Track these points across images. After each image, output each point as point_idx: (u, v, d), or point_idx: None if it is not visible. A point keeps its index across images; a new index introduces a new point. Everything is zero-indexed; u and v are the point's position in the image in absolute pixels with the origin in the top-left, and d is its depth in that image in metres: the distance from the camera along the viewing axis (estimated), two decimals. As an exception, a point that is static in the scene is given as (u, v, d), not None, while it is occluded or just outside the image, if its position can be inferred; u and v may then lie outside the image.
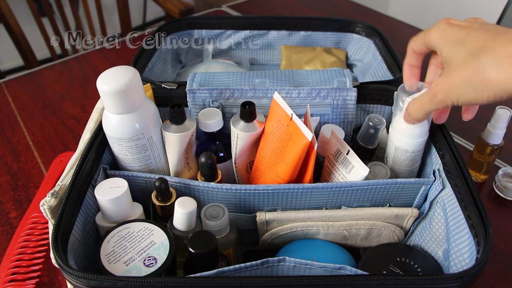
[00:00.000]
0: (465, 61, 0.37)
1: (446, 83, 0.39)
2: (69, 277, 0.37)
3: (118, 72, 0.45)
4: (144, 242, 0.42)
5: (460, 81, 0.38)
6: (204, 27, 0.81)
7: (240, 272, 0.39)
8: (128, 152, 0.49)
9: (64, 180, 0.46)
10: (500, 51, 0.35)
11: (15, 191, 0.70)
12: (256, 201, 0.49)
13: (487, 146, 0.63)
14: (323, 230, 0.50)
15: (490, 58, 0.35)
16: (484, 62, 0.36)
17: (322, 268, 0.40)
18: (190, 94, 0.56)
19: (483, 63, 0.36)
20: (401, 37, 1.08)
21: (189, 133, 0.49)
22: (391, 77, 0.66)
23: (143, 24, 2.39)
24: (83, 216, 0.45)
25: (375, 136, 0.52)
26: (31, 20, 1.29)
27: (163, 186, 0.46)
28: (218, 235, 0.46)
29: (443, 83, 0.40)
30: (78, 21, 1.39)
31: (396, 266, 0.46)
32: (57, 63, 1.04)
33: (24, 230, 0.61)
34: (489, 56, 0.36)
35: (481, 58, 0.36)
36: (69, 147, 0.78)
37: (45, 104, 0.89)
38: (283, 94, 0.55)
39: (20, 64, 1.55)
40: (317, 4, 1.26)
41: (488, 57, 0.36)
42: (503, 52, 0.35)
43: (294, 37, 0.81)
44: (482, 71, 0.36)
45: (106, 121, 0.47)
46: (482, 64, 0.36)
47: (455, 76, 0.38)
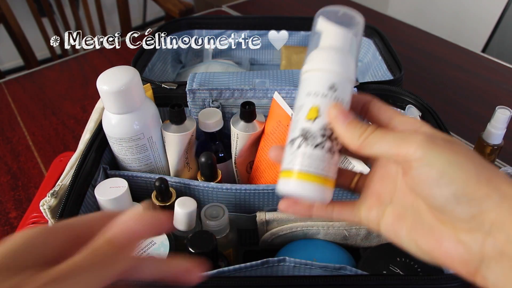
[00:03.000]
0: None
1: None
2: (69, 277, 0.37)
3: (118, 72, 0.45)
4: (144, 242, 0.42)
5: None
6: (204, 27, 0.81)
7: (240, 272, 0.39)
8: (128, 152, 0.49)
9: (64, 180, 0.46)
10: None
11: (15, 191, 0.70)
12: (256, 201, 0.49)
13: (487, 146, 0.63)
14: (323, 230, 0.50)
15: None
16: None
17: (322, 268, 0.40)
18: (190, 94, 0.56)
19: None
20: (401, 37, 1.09)
21: (189, 133, 0.49)
22: (391, 77, 0.66)
23: (143, 24, 2.39)
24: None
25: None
26: (31, 20, 1.29)
27: (163, 186, 0.46)
28: (218, 235, 0.46)
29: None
30: (78, 21, 1.39)
31: (396, 266, 0.46)
32: (57, 63, 1.03)
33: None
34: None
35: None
36: (69, 147, 0.78)
37: (45, 104, 0.89)
38: (283, 94, 0.55)
39: (20, 64, 1.55)
40: (317, 4, 1.26)
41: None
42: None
43: (294, 37, 0.81)
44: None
45: (106, 121, 0.47)
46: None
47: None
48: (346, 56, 0.32)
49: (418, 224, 0.29)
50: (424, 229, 0.28)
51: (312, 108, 0.31)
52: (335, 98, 0.30)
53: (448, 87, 0.91)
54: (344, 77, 0.31)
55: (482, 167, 0.26)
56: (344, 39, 0.32)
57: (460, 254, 0.26)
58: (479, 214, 0.25)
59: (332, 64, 0.31)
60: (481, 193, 0.25)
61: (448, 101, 0.87)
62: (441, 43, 1.07)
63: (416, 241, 0.29)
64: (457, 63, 0.99)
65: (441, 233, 0.27)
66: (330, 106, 0.30)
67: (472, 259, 0.26)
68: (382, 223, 0.31)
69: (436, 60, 1.00)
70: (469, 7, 1.90)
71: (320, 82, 0.31)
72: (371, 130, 0.29)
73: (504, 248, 0.25)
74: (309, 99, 0.31)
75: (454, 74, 0.95)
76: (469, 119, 0.82)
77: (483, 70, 0.97)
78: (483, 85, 0.91)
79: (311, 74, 0.32)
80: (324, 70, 0.31)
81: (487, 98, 0.88)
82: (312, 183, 0.30)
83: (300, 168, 0.30)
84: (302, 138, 0.31)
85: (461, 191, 0.26)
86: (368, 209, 0.32)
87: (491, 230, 0.25)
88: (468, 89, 0.90)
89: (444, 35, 1.08)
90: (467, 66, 0.98)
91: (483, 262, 0.26)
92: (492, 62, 0.99)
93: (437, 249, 0.28)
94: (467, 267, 0.26)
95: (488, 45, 1.41)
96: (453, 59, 1.00)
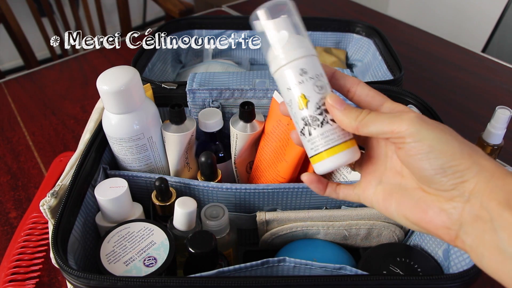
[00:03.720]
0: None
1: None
2: (69, 277, 0.37)
3: (118, 72, 0.45)
4: (144, 242, 0.42)
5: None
6: (204, 27, 0.82)
7: (240, 272, 0.39)
8: (128, 152, 0.49)
9: (64, 180, 0.46)
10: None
11: (15, 191, 0.70)
12: (256, 201, 0.49)
13: (487, 146, 0.63)
14: (323, 230, 0.50)
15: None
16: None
17: (322, 268, 0.40)
18: (190, 94, 0.56)
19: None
20: (401, 37, 1.09)
21: (189, 133, 0.49)
22: (391, 77, 0.66)
23: (143, 24, 2.39)
24: (83, 216, 0.45)
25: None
26: (31, 20, 1.29)
27: (163, 186, 0.46)
28: (218, 235, 0.46)
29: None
30: (78, 21, 1.39)
31: (396, 266, 0.46)
32: (57, 63, 1.03)
33: (24, 230, 0.61)
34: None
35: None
36: (69, 147, 0.78)
37: (45, 104, 0.89)
38: (283, 94, 0.55)
39: (20, 64, 1.55)
40: (317, 4, 1.26)
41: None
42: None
43: (294, 37, 0.81)
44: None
45: (106, 121, 0.47)
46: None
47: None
48: (294, 38, 0.35)
49: (405, 199, 0.33)
50: (411, 202, 0.33)
51: (299, 98, 0.34)
52: (311, 77, 0.34)
53: (448, 87, 0.91)
54: (306, 56, 0.34)
55: (464, 145, 0.30)
56: (283, 25, 0.35)
57: (442, 221, 0.30)
58: (461, 183, 0.29)
59: (289, 54, 0.34)
60: (464, 166, 0.29)
61: (448, 101, 0.87)
62: (441, 43, 1.07)
63: (405, 213, 0.33)
64: (457, 63, 0.99)
65: (426, 204, 0.32)
66: (327, 98, 0.34)
67: (453, 224, 0.30)
68: (374, 200, 0.35)
69: (436, 60, 1.00)
70: (469, 7, 1.90)
71: (291, 74, 0.34)
72: (366, 112, 0.33)
73: (478, 213, 0.28)
74: (292, 92, 0.34)
75: (454, 74, 0.95)
76: (469, 119, 0.82)
77: (483, 70, 0.97)
78: (483, 85, 0.91)
79: (280, 72, 0.35)
80: (288, 63, 0.34)
81: (487, 98, 0.88)
82: (339, 153, 0.34)
83: (324, 148, 0.34)
84: (307, 125, 0.34)
85: (447, 163, 0.29)
86: (363, 189, 0.36)
87: (469, 198, 0.29)
88: (468, 89, 0.90)
89: (444, 35, 1.08)
90: (467, 66, 0.98)
91: (461, 227, 0.30)
92: (492, 62, 0.99)
93: (423, 218, 0.32)
94: (449, 233, 0.30)
95: (488, 45, 1.41)
96: (453, 59, 1.00)
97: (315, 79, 0.34)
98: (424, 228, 0.32)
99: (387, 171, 0.35)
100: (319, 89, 0.34)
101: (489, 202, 0.28)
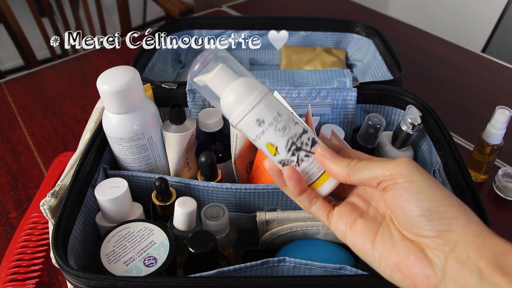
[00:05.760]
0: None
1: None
2: (69, 277, 0.37)
3: (118, 72, 0.45)
4: (144, 242, 0.42)
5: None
6: (204, 27, 0.81)
7: (240, 272, 0.39)
8: (128, 152, 0.49)
9: (64, 180, 0.46)
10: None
11: (15, 191, 0.70)
12: (256, 201, 0.49)
13: (487, 146, 0.63)
14: (323, 230, 0.50)
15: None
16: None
17: (322, 268, 0.40)
18: (190, 94, 0.56)
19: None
20: (401, 37, 1.09)
21: (189, 133, 0.49)
22: (391, 77, 0.66)
23: (143, 24, 2.39)
24: (83, 216, 0.45)
25: (375, 136, 0.52)
26: (31, 20, 1.29)
27: (163, 185, 0.46)
28: (218, 235, 0.46)
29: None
30: (78, 21, 1.39)
31: (396, 266, 0.46)
32: (57, 63, 1.04)
33: (24, 230, 0.61)
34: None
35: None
36: (69, 147, 0.78)
37: (45, 104, 0.89)
38: (283, 94, 0.55)
39: (20, 64, 1.55)
40: (317, 4, 1.26)
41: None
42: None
43: (294, 37, 0.81)
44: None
45: (106, 121, 0.47)
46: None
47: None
48: (239, 86, 0.33)
49: (386, 238, 0.32)
50: (392, 243, 0.31)
51: (267, 147, 0.34)
52: (270, 124, 0.34)
53: (448, 87, 0.91)
54: (258, 103, 0.33)
55: (454, 196, 0.30)
56: (224, 75, 0.34)
57: (423, 268, 0.29)
58: (446, 231, 0.29)
59: (240, 106, 0.33)
60: (451, 214, 0.29)
61: (448, 101, 0.87)
62: (441, 43, 1.07)
63: (383, 253, 0.32)
64: (457, 63, 0.99)
65: (408, 248, 0.30)
66: (317, 149, 0.35)
67: (434, 274, 0.29)
68: (350, 233, 0.34)
69: (436, 60, 1.00)
70: (469, 7, 1.90)
71: (250, 128, 0.34)
72: (356, 161, 0.34)
73: (463, 268, 0.27)
74: (259, 143, 0.35)
75: (454, 74, 0.95)
76: (469, 119, 0.82)
77: (483, 70, 0.97)
78: (483, 85, 0.91)
79: (240, 125, 0.34)
80: (242, 119, 0.34)
81: (487, 98, 0.88)
82: (325, 182, 0.36)
83: (312, 182, 0.36)
84: (286, 166, 0.35)
85: (435, 207, 0.29)
86: (341, 216, 0.35)
87: (454, 249, 0.28)
88: (468, 89, 0.90)
89: (444, 35, 1.08)
90: (467, 66, 0.98)
91: (443, 279, 0.28)
92: (492, 62, 0.99)
93: (403, 262, 0.30)
94: (428, 282, 0.29)
95: (488, 45, 1.41)
96: (453, 59, 1.00)
97: (274, 123, 0.33)
98: (402, 273, 0.30)
99: (369, 210, 0.35)
100: (282, 131, 0.34)
101: (477, 259, 0.27)
